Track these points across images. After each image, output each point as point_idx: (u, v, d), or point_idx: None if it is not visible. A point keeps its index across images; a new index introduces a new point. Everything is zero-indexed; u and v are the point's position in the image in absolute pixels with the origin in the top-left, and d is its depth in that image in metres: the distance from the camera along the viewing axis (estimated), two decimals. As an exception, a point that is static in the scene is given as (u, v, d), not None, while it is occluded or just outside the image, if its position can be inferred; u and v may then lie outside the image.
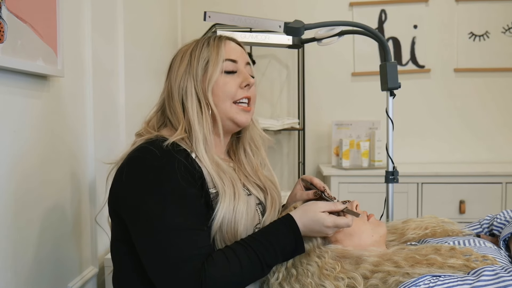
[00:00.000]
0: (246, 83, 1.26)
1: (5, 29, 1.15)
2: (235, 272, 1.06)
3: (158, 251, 1.06)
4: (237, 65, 1.27)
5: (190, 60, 1.24)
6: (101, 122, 1.84)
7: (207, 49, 1.25)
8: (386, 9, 3.33)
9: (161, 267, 1.06)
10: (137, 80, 2.25)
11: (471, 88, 3.35)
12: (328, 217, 1.14)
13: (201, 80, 1.23)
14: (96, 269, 1.79)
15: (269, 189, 1.34)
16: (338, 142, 3.19)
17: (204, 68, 1.23)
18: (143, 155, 1.14)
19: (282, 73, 3.44)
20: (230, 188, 1.18)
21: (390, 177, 1.76)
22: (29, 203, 1.34)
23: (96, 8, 1.78)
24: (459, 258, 1.10)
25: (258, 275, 1.12)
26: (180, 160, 1.13)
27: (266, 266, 1.11)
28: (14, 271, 1.26)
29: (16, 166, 1.27)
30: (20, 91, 1.29)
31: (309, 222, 1.14)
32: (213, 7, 3.24)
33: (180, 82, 1.24)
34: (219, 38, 1.28)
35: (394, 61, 1.69)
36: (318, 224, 1.14)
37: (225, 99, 1.24)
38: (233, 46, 1.30)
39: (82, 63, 1.70)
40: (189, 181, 1.12)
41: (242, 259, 1.08)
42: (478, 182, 2.86)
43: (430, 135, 3.37)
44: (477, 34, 3.30)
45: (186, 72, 1.24)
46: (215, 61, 1.23)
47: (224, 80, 1.24)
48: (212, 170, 1.18)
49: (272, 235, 1.13)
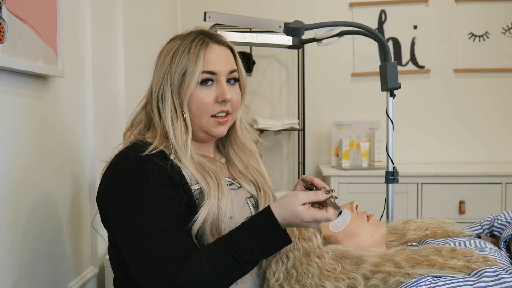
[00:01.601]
0: (221, 98, 1.20)
1: (5, 29, 1.15)
2: (209, 274, 1.05)
3: (136, 255, 1.08)
4: (217, 76, 1.21)
5: (170, 65, 1.20)
6: (101, 122, 1.84)
7: (187, 56, 1.19)
8: (386, 9, 3.33)
9: (140, 270, 1.08)
10: (137, 80, 2.24)
11: (471, 88, 3.35)
12: (307, 211, 1.06)
13: (177, 90, 1.20)
14: (96, 269, 1.79)
15: (260, 183, 1.33)
16: (338, 142, 3.19)
17: (181, 78, 1.19)
18: (120, 160, 1.16)
19: (282, 73, 3.44)
20: (214, 187, 1.17)
21: (390, 178, 1.76)
22: (28, 202, 1.34)
23: (96, 8, 1.78)
24: (460, 259, 1.10)
25: (237, 273, 1.08)
26: (156, 162, 1.12)
27: (244, 263, 1.07)
28: (13, 270, 1.26)
29: (15, 165, 1.26)
30: (20, 91, 1.29)
31: (287, 215, 1.07)
32: (213, 6, 3.24)
33: (159, 86, 1.21)
34: (202, 42, 1.21)
35: (394, 62, 1.69)
36: (297, 219, 1.07)
37: (201, 115, 1.20)
38: (215, 53, 1.22)
39: (82, 63, 1.70)
40: (165, 183, 1.12)
41: (217, 260, 1.05)
42: (478, 183, 2.86)
43: (430, 135, 3.37)
44: (477, 35, 3.30)
45: (164, 77, 1.21)
46: (192, 72, 1.18)
47: (200, 94, 1.19)
48: (195, 171, 1.17)
49: (248, 231, 1.09)
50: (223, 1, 3.35)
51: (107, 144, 1.89)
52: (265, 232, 1.08)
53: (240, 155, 1.34)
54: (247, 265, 1.08)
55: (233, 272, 1.07)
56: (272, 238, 1.08)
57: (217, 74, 1.21)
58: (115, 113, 2.02)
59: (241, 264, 1.06)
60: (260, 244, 1.07)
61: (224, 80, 1.22)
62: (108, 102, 1.96)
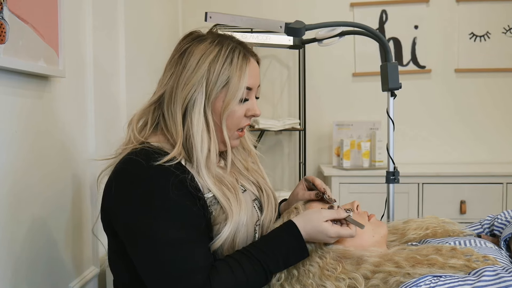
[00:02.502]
0: (252, 113, 1.22)
1: (7, 29, 1.15)
2: (241, 283, 1.07)
3: (158, 268, 1.04)
4: (251, 92, 1.20)
5: (208, 72, 1.14)
6: (102, 122, 1.84)
7: (229, 68, 1.15)
8: (387, 9, 3.33)
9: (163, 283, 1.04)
10: (138, 81, 2.25)
11: (472, 88, 3.35)
12: (332, 227, 1.14)
13: (213, 101, 1.15)
14: (97, 269, 1.79)
15: (262, 185, 1.33)
16: (339, 142, 3.19)
17: (221, 90, 1.15)
18: (129, 168, 1.09)
19: (283, 74, 3.44)
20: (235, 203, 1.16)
21: (391, 178, 1.76)
22: (29, 202, 1.34)
23: (97, 9, 1.78)
24: (460, 259, 1.10)
25: (263, 283, 1.12)
26: (172, 172, 1.08)
27: (270, 274, 1.12)
28: (14, 270, 1.26)
29: (16, 166, 1.27)
30: (21, 91, 1.30)
31: (312, 231, 1.14)
32: (213, 6, 3.24)
33: (190, 90, 1.14)
34: (243, 56, 1.18)
35: (395, 62, 1.69)
36: (322, 235, 1.14)
37: (230, 128, 1.19)
38: (254, 68, 1.21)
39: (83, 64, 1.71)
40: (180, 191, 1.08)
41: (247, 270, 1.08)
42: (479, 183, 2.86)
43: (431, 135, 3.37)
44: (478, 35, 3.30)
45: (199, 83, 1.14)
46: (235, 88, 1.15)
47: (234, 108, 1.17)
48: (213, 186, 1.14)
49: (275, 244, 1.13)
50: (224, 1, 3.35)
51: (108, 144, 1.89)
52: (291, 246, 1.13)
53: (239, 157, 1.34)
54: (270, 276, 1.13)
55: (260, 281, 1.11)
56: (295, 252, 1.14)
57: (252, 90, 1.21)
58: (116, 113, 2.03)
59: (267, 274, 1.11)
60: (286, 256, 1.12)
61: (254, 95, 1.23)
62: (109, 102, 1.96)
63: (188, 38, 1.23)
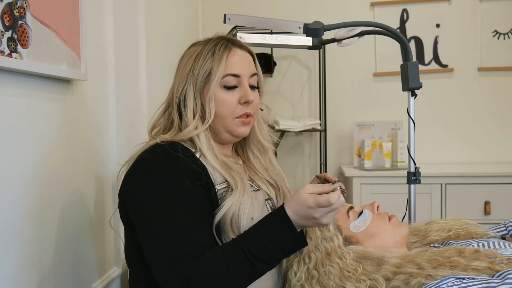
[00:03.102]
0: (244, 100, 1.23)
1: (30, 34, 1.17)
2: (220, 269, 1.03)
3: (156, 248, 1.08)
4: (240, 79, 1.24)
5: (192, 67, 1.24)
6: (124, 124, 1.86)
7: (211, 59, 1.23)
8: (407, 8, 3.30)
9: (158, 264, 1.08)
10: (159, 82, 2.27)
11: (495, 87, 3.29)
12: (309, 196, 1.03)
13: (201, 91, 1.23)
14: (120, 270, 1.81)
15: (280, 186, 1.34)
16: (360, 143, 3.17)
17: (204, 80, 1.22)
18: (146, 156, 1.16)
19: (303, 74, 3.44)
20: (240, 183, 1.19)
21: (412, 178, 1.75)
22: (53, 204, 1.36)
23: (117, 12, 1.80)
24: (483, 261, 1.08)
25: (250, 271, 1.05)
26: (181, 158, 1.14)
27: (258, 261, 1.04)
28: (39, 269, 1.29)
29: (40, 168, 1.29)
30: (44, 95, 1.32)
31: (295, 205, 1.05)
32: (234, 8, 3.26)
33: (182, 88, 1.24)
34: (225, 46, 1.25)
35: (415, 61, 1.68)
36: (303, 207, 1.04)
37: (225, 116, 1.23)
38: (239, 56, 1.26)
39: (105, 67, 1.73)
40: (191, 179, 1.13)
41: (227, 256, 1.05)
42: (504, 183, 2.81)
43: (454, 135, 3.33)
44: (502, 32, 3.24)
45: (187, 79, 1.24)
46: (215, 74, 1.21)
47: (223, 96, 1.22)
48: (221, 168, 1.20)
49: (258, 225, 1.08)
50: (244, 3, 3.36)
51: (130, 146, 1.91)
52: (275, 226, 1.06)
53: (258, 157, 1.35)
54: (262, 264, 1.06)
55: (245, 270, 1.05)
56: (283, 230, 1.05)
57: (240, 77, 1.24)
58: (137, 115, 2.05)
59: (252, 262, 1.04)
60: (270, 238, 1.05)
61: (247, 83, 1.25)
62: (131, 104, 1.98)
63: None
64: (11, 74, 1.15)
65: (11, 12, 1.10)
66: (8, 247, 1.15)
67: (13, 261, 1.17)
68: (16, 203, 1.19)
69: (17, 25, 1.12)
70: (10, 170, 1.16)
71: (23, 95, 1.22)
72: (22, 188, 1.21)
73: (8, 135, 1.15)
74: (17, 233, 1.19)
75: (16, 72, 1.16)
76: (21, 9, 1.14)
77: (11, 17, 1.10)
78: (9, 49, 1.09)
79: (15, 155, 1.18)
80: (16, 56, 1.12)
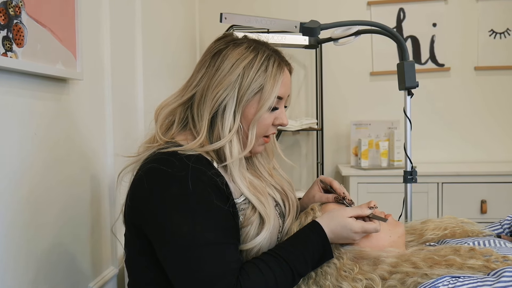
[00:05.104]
0: (279, 123, 1.21)
1: (25, 33, 1.17)
2: (271, 285, 1.06)
3: (190, 269, 1.03)
4: (281, 101, 1.20)
5: (241, 77, 1.14)
6: (120, 124, 1.86)
7: (264, 75, 1.15)
8: (404, 7, 3.30)
9: (195, 285, 1.03)
10: (155, 82, 2.27)
11: (492, 86, 3.30)
12: (356, 222, 1.13)
13: (243, 106, 1.15)
14: (116, 270, 1.81)
15: (287, 191, 1.33)
16: (356, 142, 3.17)
17: (253, 96, 1.15)
18: (163, 167, 1.07)
19: (300, 73, 3.44)
20: (270, 209, 1.17)
21: (408, 177, 1.75)
22: (49, 203, 1.36)
23: (114, 11, 1.80)
24: (479, 259, 1.08)
25: (290, 285, 1.10)
26: (202, 170, 1.08)
27: (297, 275, 1.10)
28: (35, 270, 1.28)
29: (36, 167, 1.29)
30: (40, 94, 1.31)
31: (336, 228, 1.13)
32: (231, 7, 3.25)
33: (222, 93, 1.14)
34: (278, 64, 1.18)
35: (412, 60, 1.68)
36: (346, 230, 1.13)
37: (258, 135, 1.20)
38: (287, 78, 1.21)
39: (101, 66, 1.72)
40: (214, 192, 1.08)
41: (276, 271, 1.07)
42: (500, 182, 2.82)
43: (450, 134, 3.33)
44: (498, 32, 3.25)
45: (232, 87, 1.13)
46: (267, 96, 1.14)
47: (263, 116, 1.17)
48: (248, 192, 1.15)
49: (301, 244, 1.12)
50: (241, 2, 3.36)
51: (126, 146, 1.91)
52: (317, 245, 1.12)
53: (262, 163, 1.34)
54: (298, 278, 1.11)
55: (288, 283, 1.09)
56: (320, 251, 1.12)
57: (282, 99, 1.21)
58: (133, 115, 2.04)
59: (294, 275, 1.09)
60: (312, 256, 1.11)
61: (283, 104, 1.23)
62: (127, 104, 1.98)
63: (223, 40, 1.22)
64: (6, 73, 1.15)
65: (6, 11, 1.10)
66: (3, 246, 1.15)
67: (9, 261, 1.17)
68: (11, 203, 1.18)
69: (12, 24, 1.12)
70: (4, 170, 1.15)
71: (19, 95, 1.21)
72: (17, 188, 1.20)
73: (3, 134, 1.14)
74: (12, 233, 1.18)
75: (12, 71, 1.16)
76: (16, 8, 1.14)
77: (6, 16, 1.10)
78: (4, 48, 1.09)
79: (9, 154, 1.18)
80: (12, 55, 1.12)
